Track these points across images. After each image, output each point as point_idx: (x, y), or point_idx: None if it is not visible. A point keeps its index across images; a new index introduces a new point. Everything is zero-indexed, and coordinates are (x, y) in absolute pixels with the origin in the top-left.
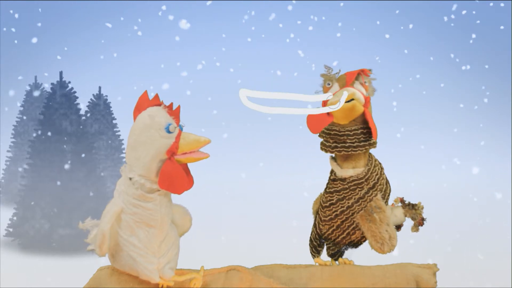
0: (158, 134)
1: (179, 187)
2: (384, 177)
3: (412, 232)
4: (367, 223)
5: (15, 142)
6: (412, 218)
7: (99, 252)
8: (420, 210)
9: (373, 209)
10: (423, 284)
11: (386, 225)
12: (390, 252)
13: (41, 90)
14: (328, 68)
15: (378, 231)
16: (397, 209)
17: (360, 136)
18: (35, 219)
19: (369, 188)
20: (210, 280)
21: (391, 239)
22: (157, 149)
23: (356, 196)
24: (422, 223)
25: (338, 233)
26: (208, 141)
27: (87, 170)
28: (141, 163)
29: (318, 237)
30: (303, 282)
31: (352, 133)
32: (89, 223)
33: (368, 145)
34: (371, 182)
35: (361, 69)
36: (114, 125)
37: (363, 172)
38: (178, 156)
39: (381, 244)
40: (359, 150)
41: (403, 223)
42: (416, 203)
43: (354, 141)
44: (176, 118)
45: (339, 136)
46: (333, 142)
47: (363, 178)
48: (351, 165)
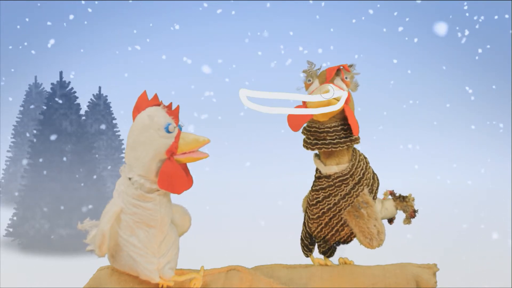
0: (157, 134)
1: (179, 187)
2: (371, 171)
3: (404, 224)
4: (354, 219)
5: (15, 142)
6: (404, 210)
7: (99, 252)
8: (411, 202)
9: (360, 205)
10: (423, 284)
11: (374, 220)
12: (379, 247)
13: (41, 90)
14: (310, 64)
15: (366, 226)
16: (388, 202)
17: (341, 133)
18: (35, 219)
19: (355, 184)
20: (210, 280)
21: (380, 234)
22: (156, 149)
23: (342, 193)
24: (413, 215)
25: (326, 230)
26: (207, 141)
27: (87, 170)
28: (140, 163)
29: (308, 235)
30: (303, 282)
31: (332, 129)
32: (88, 224)
33: (349, 141)
34: (356, 178)
35: (341, 64)
36: (114, 125)
37: (347, 168)
38: (177, 156)
39: (369, 239)
40: (339, 146)
41: (395, 216)
42: (407, 195)
43: (335, 138)
44: (175, 118)
45: (319, 133)
46: (314, 139)
47: (347, 174)
48: (335, 161)
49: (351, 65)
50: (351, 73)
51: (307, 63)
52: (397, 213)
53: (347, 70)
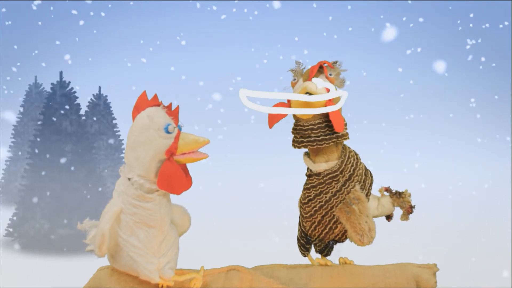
0: (157, 135)
1: (178, 187)
2: (362, 167)
3: (402, 220)
4: (345, 215)
5: (15, 142)
6: (401, 206)
7: (99, 252)
8: (407, 197)
9: (351, 201)
10: (423, 284)
11: (366, 217)
12: (370, 244)
13: (41, 90)
14: (298, 64)
15: (358, 222)
16: (384, 198)
17: (325, 130)
18: (35, 219)
19: (346, 180)
20: (210, 280)
21: (371, 231)
22: (156, 149)
23: (333, 190)
24: (411, 210)
25: (320, 228)
26: (207, 142)
27: (87, 170)
28: (140, 164)
29: (304, 234)
30: (303, 282)
31: (316, 126)
32: (88, 224)
33: (335, 138)
34: (346, 174)
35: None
36: (114, 125)
37: (337, 164)
38: (177, 157)
39: (361, 235)
40: (325, 143)
41: (393, 213)
42: (403, 191)
43: (320, 135)
44: (175, 118)
45: (303, 130)
46: (300, 137)
47: (337, 170)
48: (324, 159)
49: (335, 62)
50: (336, 69)
51: (295, 63)
52: (394, 210)
53: (331, 67)
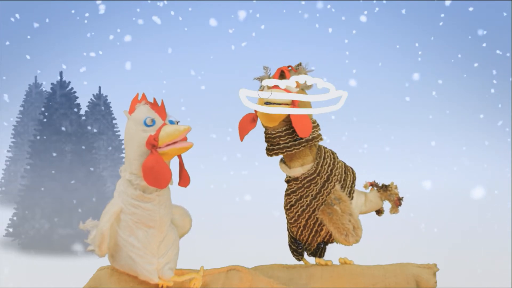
0: (137, 129)
1: (163, 180)
2: (341, 165)
3: (391, 214)
4: (327, 217)
5: (15, 142)
6: (388, 199)
7: (99, 252)
8: (394, 190)
9: (332, 201)
10: (423, 284)
11: (348, 215)
12: (357, 243)
13: (41, 90)
14: (266, 69)
15: (341, 222)
16: (371, 193)
17: (294, 135)
18: (35, 219)
19: (324, 182)
20: (210, 280)
21: (356, 230)
22: (138, 142)
23: (313, 193)
24: (399, 202)
25: (306, 232)
26: (188, 128)
27: (87, 170)
28: (131, 161)
29: (294, 240)
30: (303, 282)
31: (284, 133)
32: (90, 224)
33: (305, 142)
34: (324, 175)
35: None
36: (114, 125)
37: (313, 167)
38: (161, 149)
39: (345, 235)
40: (294, 149)
41: (383, 208)
42: (389, 184)
43: (288, 141)
44: (160, 113)
45: (272, 138)
46: (270, 145)
47: (314, 173)
48: (299, 163)
49: (298, 65)
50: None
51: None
52: (383, 204)
53: (294, 71)
